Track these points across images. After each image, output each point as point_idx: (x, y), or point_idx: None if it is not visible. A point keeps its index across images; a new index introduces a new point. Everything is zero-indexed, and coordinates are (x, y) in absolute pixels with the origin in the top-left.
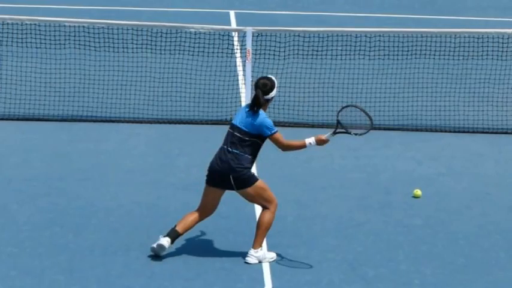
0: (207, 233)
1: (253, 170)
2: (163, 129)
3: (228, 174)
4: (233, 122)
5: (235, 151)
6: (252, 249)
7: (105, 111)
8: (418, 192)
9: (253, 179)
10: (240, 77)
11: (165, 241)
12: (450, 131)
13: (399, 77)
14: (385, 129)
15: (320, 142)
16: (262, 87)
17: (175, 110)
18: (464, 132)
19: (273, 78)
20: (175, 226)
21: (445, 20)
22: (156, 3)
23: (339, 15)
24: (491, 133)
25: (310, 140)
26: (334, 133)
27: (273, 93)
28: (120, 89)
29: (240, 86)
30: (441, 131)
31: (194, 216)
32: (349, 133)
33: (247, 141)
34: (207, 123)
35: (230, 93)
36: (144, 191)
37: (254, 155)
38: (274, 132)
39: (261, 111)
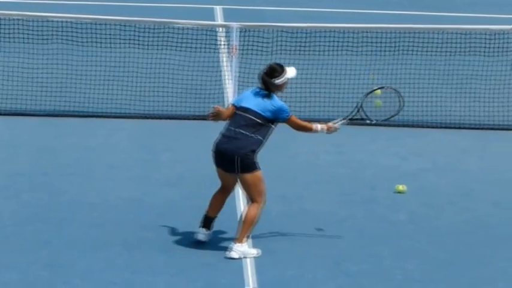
0: (190, 228)
1: None
2: (149, 125)
3: (234, 154)
4: (244, 105)
5: (247, 133)
6: (236, 243)
7: (91, 107)
8: (400, 187)
9: (255, 166)
10: (226, 73)
11: (202, 234)
12: (435, 127)
13: (386, 73)
14: (370, 124)
15: (330, 129)
16: (271, 71)
17: (161, 106)
18: (449, 128)
19: (287, 68)
20: (206, 213)
21: (432, 17)
22: None
23: (325, 11)
24: (476, 129)
25: (319, 125)
26: (351, 119)
27: (279, 80)
28: (106, 84)
29: (226, 81)
30: (427, 127)
31: (219, 196)
32: (371, 120)
33: (262, 125)
34: (193, 119)
35: (216, 89)
36: (128, 187)
37: (265, 139)
38: (291, 115)
39: (275, 96)
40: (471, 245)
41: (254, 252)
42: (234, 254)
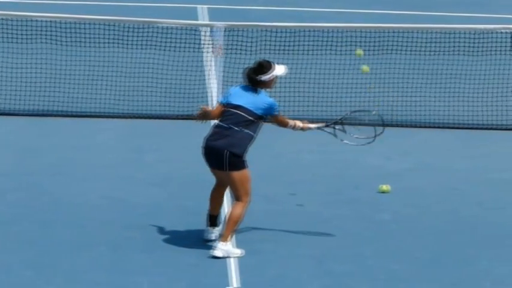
0: (174, 228)
1: None
2: (133, 124)
3: (225, 149)
4: (235, 102)
5: (238, 128)
6: (220, 242)
7: (76, 106)
8: (384, 187)
9: (244, 164)
10: (211, 73)
11: (211, 233)
12: (420, 127)
13: (370, 72)
14: (354, 124)
15: (304, 129)
16: (258, 67)
17: (145, 105)
18: (434, 127)
19: (277, 66)
20: (209, 212)
21: (417, 16)
22: None
23: (310, 10)
24: (461, 128)
25: (295, 122)
26: (326, 126)
27: (266, 77)
28: (91, 84)
29: (211, 81)
30: (411, 127)
31: (217, 193)
32: (341, 139)
33: (253, 121)
34: (177, 119)
35: (200, 89)
36: (113, 186)
37: (256, 134)
38: (279, 112)
39: (264, 92)
40: (455, 245)
41: (238, 252)
42: (218, 253)
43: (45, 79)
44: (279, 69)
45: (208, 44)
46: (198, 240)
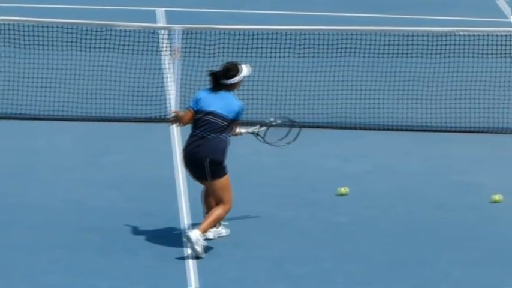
0: (132, 231)
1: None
2: (91, 127)
3: (205, 158)
4: (207, 108)
5: (215, 135)
6: (199, 231)
7: (33, 109)
8: (342, 189)
9: (225, 170)
10: (169, 75)
11: (210, 233)
12: (377, 129)
13: (328, 74)
14: (312, 127)
15: (237, 134)
16: (227, 71)
17: (103, 108)
18: (391, 130)
19: (243, 66)
20: (205, 213)
21: (374, 18)
22: (84, 1)
23: (266, 13)
24: (418, 131)
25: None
26: (253, 132)
27: (236, 78)
28: (49, 86)
29: (169, 84)
30: (369, 129)
31: (208, 194)
32: (267, 142)
33: (226, 126)
34: (135, 121)
35: (158, 91)
36: (70, 189)
37: (230, 138)
38: None
39: (233, 94)
40: (414, 247)
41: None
42: (192, 234)
43: (2, 82)
44: (246, 69)
45: (166, 46)
46: (157, 242)
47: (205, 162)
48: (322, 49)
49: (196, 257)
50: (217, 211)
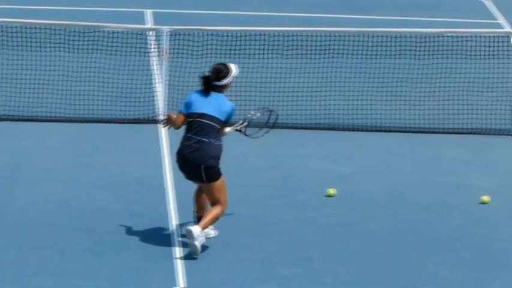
0: (120, 232)
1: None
2: (79, 128)
3: (200, 164)
4: (200, 111)
5: (209, 140)
6: (199, 228)
7: (22, 110)
8: (331, 191)
9: (220, 172)
10: (157, 76)
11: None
12: (365, 130)
13: (316, 76)
14: (300, 128)
15: (225, 134)
16: (217, 73)
17: (91, 109)
18: (379, 131)
19: (231, 66)
20: (197, 213)
21: (362, 20)
22: (72, 2)
23: (254, 14)
24: (406, 132)
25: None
26: (236, 129)
27: (227, 80)
28: (37, 88)
29: (157, 85)
30: (357, 130)
31: (201, 193)
32: (247, 135)
33: (219, 128)
34: (123, 122)
35: (146, 93)
36: (59, 190)
37: (223, 140)
38: None
39: (223, 95)
40: (401, 249)
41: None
42: (194, 229)
43: None
44: (235, 69)
45: (154, 47)
46: (144, 243)
47: (201, 167)
48: (310, 50)
49: (190, 255)
50: (215, 211)
